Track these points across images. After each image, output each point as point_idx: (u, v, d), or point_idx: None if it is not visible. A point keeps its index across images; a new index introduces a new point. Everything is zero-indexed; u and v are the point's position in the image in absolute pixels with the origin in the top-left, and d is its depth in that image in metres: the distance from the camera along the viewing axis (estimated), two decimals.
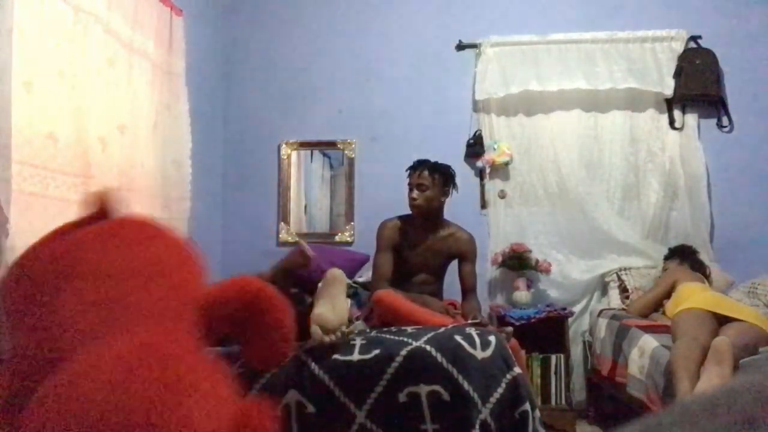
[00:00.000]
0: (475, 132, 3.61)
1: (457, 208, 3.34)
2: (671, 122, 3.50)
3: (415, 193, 2.67)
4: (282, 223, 3.75)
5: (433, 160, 2.77)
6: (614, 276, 3.39)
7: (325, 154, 3.88)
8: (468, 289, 2.77)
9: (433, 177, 2.67)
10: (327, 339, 1.63)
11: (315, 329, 1.64)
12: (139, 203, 2.67)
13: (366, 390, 1.64)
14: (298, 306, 2.15)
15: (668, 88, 3.45)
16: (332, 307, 1.70)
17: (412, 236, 2.73)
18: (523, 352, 2.51)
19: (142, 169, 2.72)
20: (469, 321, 2.49)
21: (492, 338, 1.78)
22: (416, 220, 2.73)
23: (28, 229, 2.03)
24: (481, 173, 3.59)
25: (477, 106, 3.64)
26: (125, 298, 1.10)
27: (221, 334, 1.44)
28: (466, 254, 2.79)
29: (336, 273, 1.84)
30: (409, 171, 2.75)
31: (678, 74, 3.44)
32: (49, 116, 2.14)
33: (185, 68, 3.10)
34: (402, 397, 1.63)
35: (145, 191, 2.71)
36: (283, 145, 3.78)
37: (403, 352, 1.67)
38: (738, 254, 3.36)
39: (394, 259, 2.69)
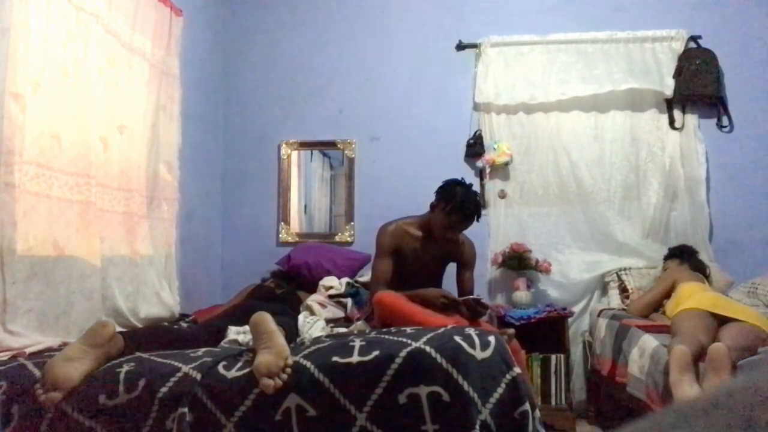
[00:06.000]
0: (475, 132, 3.61)
1: None
2: (671, 122, 3.50)
3: (454, 236, 2.64)
4: (282, 223, 3.75)
5: (468, 185, 2.61)
6: (614, 276, 3.39)
7: (325, 154, 3.88)
8: (465, 294, 2.75)
9: None
10: (279, 381, 1.60)
11: (263, 381, 1.58)
12: (135, 203, 2.68)
13: (366, 392, 1.63)
14: (288, 320, 2.15)
15: (668, 88, 3.45)
16: (268, 348, 1.66)
17: (412, 241, 2.69)
18: (523, 352, 2.51)
19: (138, 170, 2.73)
20: (471, 297, 2.50)
21: (491, 338, 1.78)
22: (415, 224, 2.71)
23: (33, 229, 2.03)
24: (481, 173, 3.58)
25: (477, 106, 3.64)
26: None
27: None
28: (466, 261, 2.78)
29: (255, 319, 1.77)
30: (454, 213, 2.51)
31: (678, 74, 3.44)
32: (54, 116, 2.15)
33: (183, 68, 3.10)
34: (402, 399, 1.62)
35: (139, 191, 2.72)
36: (283, 145, 3.78)
37: (403, 353, 1.67)
38: (738, 254, 3.36)
39: (393, 263, 2.67)
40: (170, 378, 1.64)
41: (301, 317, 2.40)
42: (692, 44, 3.50)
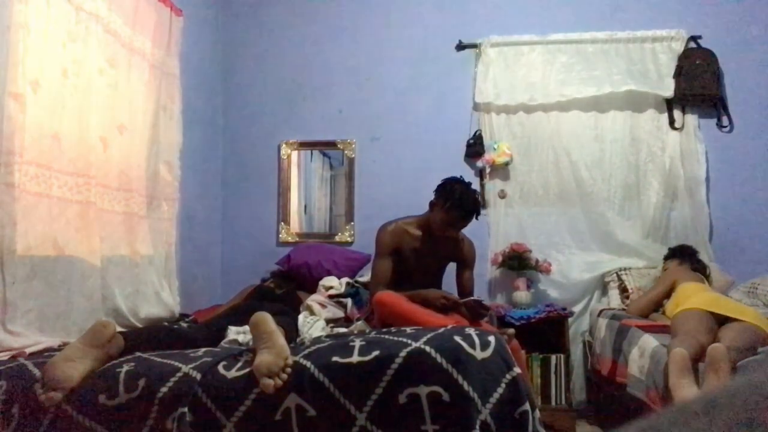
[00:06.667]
0: (475, 132, 3.61)
1: None
2: (671, 122, 3.50)
3: (454, 233, 2.65)
4: (282, 223, 3.75)
5: (460, 178, 2.64)
6: (614, 276, 3.39)
7: (325, 154, 3.88)
8: (465, 294, 2.75)
9: None
10: (279, 381, 1.60)
11: (263, 381, 1.59)
12: (135, 203, 2.67)
13: (366, 392, 1.63)
14: (288, 320, 2.15)
15: (668, 89, 3.45)
16: (268, 348, 1.66)
17: (412, 241, 2.68)
18: (523, 352, 2.51)
19: (138, 170, 2.73)
20: (472, 299, 2.49)
21: (491, 338, 1.78)
22: (415, 224, 2.70)
23: (33, 229, 2.03)
24: (481, 173, 3.58)
25: (477, 106, 3.64)
26: None
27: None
28: (466, 260, 2.77)
29: (255, 319, 1.77)
30: (453, 210, 2.51)
31: (678, 74, 3.44)
32: (54, 116, 2.15)
33: (183, 69, 3.10)
34: (402, 398, 1.62)
35: (139, 191, 2.72)
36: (283, 145, 3.78)
37: (403, 353, 1.67)
38: (738, 254, 3.36)
39: (393, 263, 2.66)
40: (170, 378, 1.64)
41: (301, 317, 2.40)
42: (692, 44, 3.50)
